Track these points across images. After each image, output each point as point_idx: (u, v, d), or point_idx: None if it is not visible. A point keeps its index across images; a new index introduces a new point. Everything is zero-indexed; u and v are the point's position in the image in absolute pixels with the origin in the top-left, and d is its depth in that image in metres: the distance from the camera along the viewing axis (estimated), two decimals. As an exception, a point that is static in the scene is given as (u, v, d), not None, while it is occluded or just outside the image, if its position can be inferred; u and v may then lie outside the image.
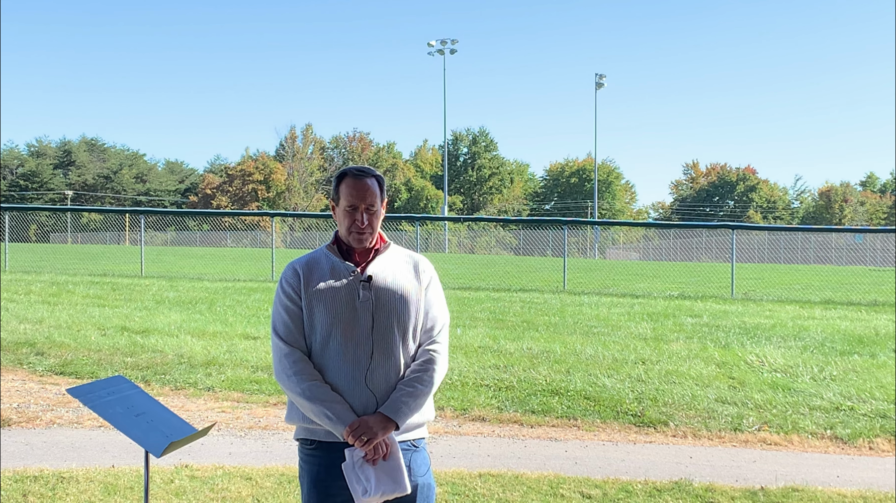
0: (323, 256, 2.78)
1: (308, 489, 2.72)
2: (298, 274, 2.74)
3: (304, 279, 2.72)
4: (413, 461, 2.73)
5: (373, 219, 2.74)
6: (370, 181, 2.74)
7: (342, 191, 2.74)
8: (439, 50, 59.92)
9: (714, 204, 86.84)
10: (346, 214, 2.73)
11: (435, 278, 2.86)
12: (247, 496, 4.95)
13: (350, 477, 2.59)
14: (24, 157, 79.04)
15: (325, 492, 2.67)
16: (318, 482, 2.68)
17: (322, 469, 2.67)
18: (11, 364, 8.57)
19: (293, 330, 2.70)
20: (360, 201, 2.71)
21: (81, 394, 3.12)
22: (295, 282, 2.73)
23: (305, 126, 79.30)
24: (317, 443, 2.70)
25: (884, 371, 8.66)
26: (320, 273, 2.73)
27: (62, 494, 4.88)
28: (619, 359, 9.04)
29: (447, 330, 2.85)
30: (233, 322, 11.35)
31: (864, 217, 78.99)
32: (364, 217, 2.72)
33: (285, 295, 2.73)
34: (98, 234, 54.51)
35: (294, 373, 2.65)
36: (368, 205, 2.72)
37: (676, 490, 5.27)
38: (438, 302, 2.83)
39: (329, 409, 2.60)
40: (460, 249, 44.51)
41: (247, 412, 7.07)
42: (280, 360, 2.69)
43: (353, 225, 2.72)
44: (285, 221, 50.92)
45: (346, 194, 2.73)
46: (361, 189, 2.72)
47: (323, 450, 2.68)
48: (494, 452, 6.15)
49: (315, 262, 2.77)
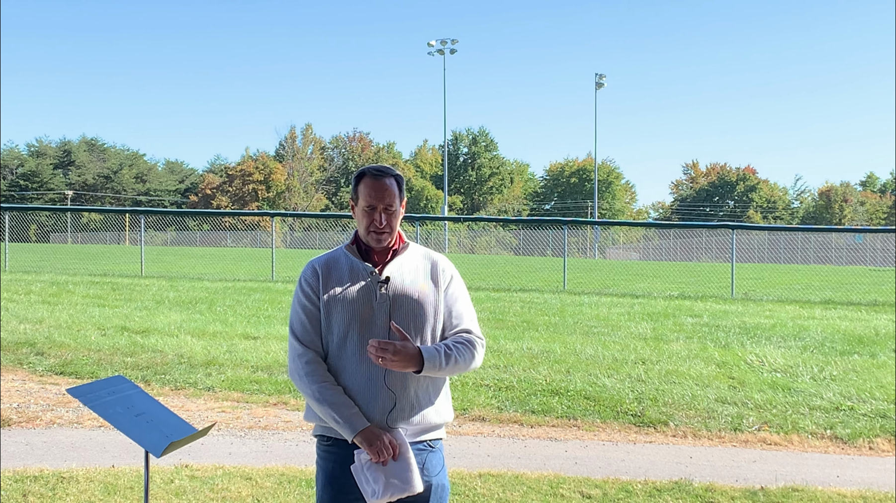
0: (342, 256, 2.79)
1: (322, 485, 2.73)
2: (318, 273, 2.75)
3: (323, 279, 2.73)
4: (428, 461, 2.74)
5: (391, 219, 2.74)
6: (389, 181, 2.74)
7: (361, 190, 2.74)
8: (439, 50, 59.86)
9: (714, 204, 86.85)
10: (364, 214, 2.73)
11: (456, 276, 2.85)
12: (247, 496, 4.95)
13: (359, 478, 2.60)
14: (24, 157, 79.03)
15: (339, 490, 2.68)
16: (333, 479, 2.70)
17: (337, 466, 2.69)
18: (11, 364, 8.57)
19: (309, 330, 2.71)
20: (379, 201, 2.71)
21: (81, 394, 3.12)
22: (314, 282, 2.74)
23: (305, 126, 79.46)
24: (333, 440, 2.71)
25: (884, 371, 8.66)
26: (339, 273, 2.74)
27: (62, 494, 4.88)
28: (619, 359, 9.04)
29: (477, 324, 2.84)
30: (233, 322, 11.35)
31: (864, 217, 79.01)
32: (382, 217, 2.71)
33: (303, 294, 2.74)
34: (98, 234, 54.50)
35: (306, 373, 2.66)
36: (387, 205, 2.72)
37: (676, 490, 5.27)
38: (462, 297, 2.82)
39: (337, 413, 2.61)
40: (460, 249, 44.49)
41: (247, 412, 7.07)
42: (294, 360, 2.71)
43: (372, 224, 2.72)
44: (285, 221, 50.95)
45: (365, 194, 2.72)
46: (380, 189, 2.72)
47: (339, 447, 2.69)
48: (494, 452, 6.15)
49: (334, 262, 2.78)
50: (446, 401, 2.81)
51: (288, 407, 7.27)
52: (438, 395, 2.77)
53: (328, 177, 79.44)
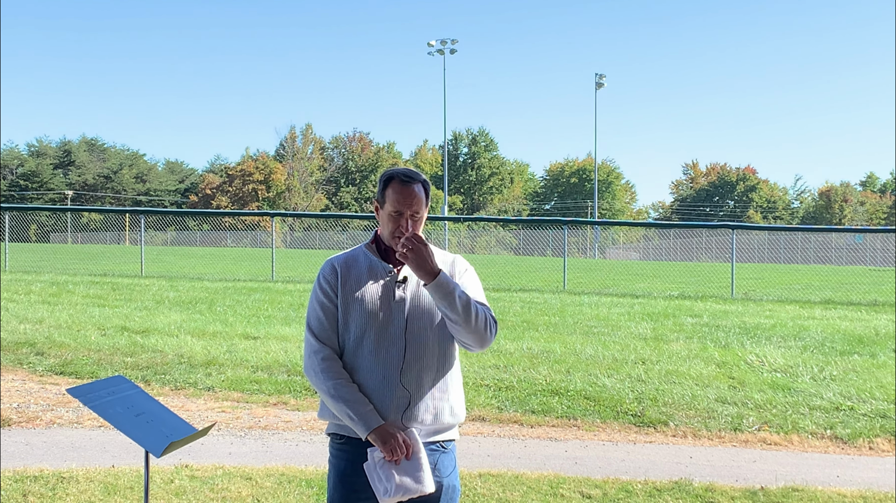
0: (362, 255, 2.80)
1: (334, 483, 2.74)
2: (337, 271, 2.76)
3: (342, 277, 2.74)
4: (440, 462, 2.74)
5: (416, 225, 2.74)
6: (417, 187, 2.73)
7: (388, 195, 2.73)
8: (439, 50, 59.85)
9: (714, 204, 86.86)
10: (390, 219, 2.73)
11: (470, 270, 2.86)
12: (247, 496, 4.95)
13: (372, 476, 2.60)
14: (24, 157, 79.03)
15: (350, 488, 2.69)
16: (345, 478, 2.70)
17: (349, 464, 2.69)
18: (11, 364, 8.57)
19: (327, 327, 2.72)
20: (407, 208, 2.71)
21: (81, 394, 3.12)
22: (332, 280, 2.75)
23: (305, 126, 79.47)
24: (346, 438, 2.71)
25: (884, 371, 8.66)
26: (358, 272, 2.75)
27: (62, 494, 4.88)
28: (619, 359, 9.04)
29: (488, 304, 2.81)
30: (233, 322, 11.35)
31: (864, 217, 79.01)
32: (409, 224, 2.71)
33: (322, 291, 2.75)
34: (98, 234, 54.50)
35: (322, 370, 2.67)
36: (414, 211, 2.72)
37: (676, 490, 5.27)
38: (476, 287, 2.82)
39: (351, 410, 2.61)
40: (460, 249, 44.48)
41: (247, 412, 7.07)
42: (310, 356, 2.72)
43: (398, 230, 2.72)
44: (285, 221, 50.95)
45: (393, 199, 2.72)
46: (409, 195, 2.71)
47: (352, 446, 2.69)
48: (494, 452, 6.15)
49: (353, 261, 2.79)
50: (460, 401, 2.81)
51: (288, 407, 7.27)
52: (452, 397, 2.78)
53: (328, 177, 79.44)
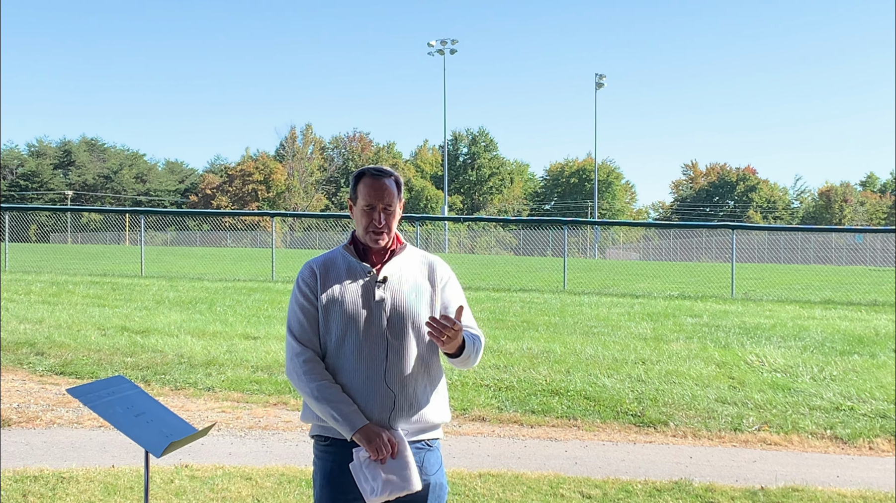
0: (340, 256, 2.81)
1: (321, 486, 2.74)
2: (315, 273, 2.77)
3: (321, 279, 2.75)
4: (426, 460, 2.75)
5: (390, 219, 2.76)
6: (388, 181, 2.76)
7: (360, 190, 2.76)
8: (439, 50, 59.86)
9: (714, 204, 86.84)
10: (363, 214, 2.75)
11: (452, 278, 2.88)
12: (247, 496, 4.95)
13: (358, 477, 2.60)
14: (24, 157, 79.02)
15: (337, 489, 2.69)
16: (332, 479, 2.70)
17: (335, 466, 2.69)
18: (11, 364, 8.57)
19: (307, 329, 2.72)
20: (378, 201, 2.74)
21: (81, 394, 3.12)
22: (311, 282, 2.76)
23: (305, 126, 79.40)
24: (331, 440, 2.72)
25: (884, 371, 8.66)
26: (336, 273, 2.76)
27: (62, 494, 4.88)
28: (619, 359, 9.04)
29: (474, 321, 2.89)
30: (233, 322, 11.35)
31: (864, 217, 78.99)
32: (381, 217, 2.74)
33: (301, 294, 2.76)
34: (98, 234, 54.48)
35: (304, 372, 2.67)
36: (386, 204, 2.74)
37: (676, 490, 5.27)
38: (459, 298, 2.85)
39: (335, 410, 2.62)
40: (460, 249, 44.50)
41: (247, 412, 7.07)
42: (292, 359, 2.72)
43: (371, 224, 2.74)
44: (285, 221, 50.91)
45: (364, 194, 2.75)
46: (380, 189, 2.74)
47: (336, 447, 2.69)
48: (494, 452, 6.15)
49: (332, 262, 2.80)
50: (443, 402, 2.83)
51: (288, 407, 7.27)
52: (436, 396, 2.80)
53: (328, 177, 79.42)
